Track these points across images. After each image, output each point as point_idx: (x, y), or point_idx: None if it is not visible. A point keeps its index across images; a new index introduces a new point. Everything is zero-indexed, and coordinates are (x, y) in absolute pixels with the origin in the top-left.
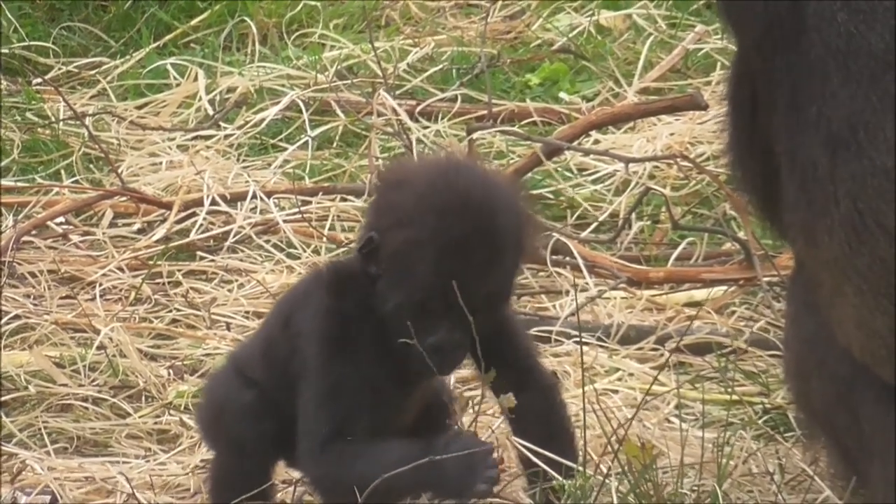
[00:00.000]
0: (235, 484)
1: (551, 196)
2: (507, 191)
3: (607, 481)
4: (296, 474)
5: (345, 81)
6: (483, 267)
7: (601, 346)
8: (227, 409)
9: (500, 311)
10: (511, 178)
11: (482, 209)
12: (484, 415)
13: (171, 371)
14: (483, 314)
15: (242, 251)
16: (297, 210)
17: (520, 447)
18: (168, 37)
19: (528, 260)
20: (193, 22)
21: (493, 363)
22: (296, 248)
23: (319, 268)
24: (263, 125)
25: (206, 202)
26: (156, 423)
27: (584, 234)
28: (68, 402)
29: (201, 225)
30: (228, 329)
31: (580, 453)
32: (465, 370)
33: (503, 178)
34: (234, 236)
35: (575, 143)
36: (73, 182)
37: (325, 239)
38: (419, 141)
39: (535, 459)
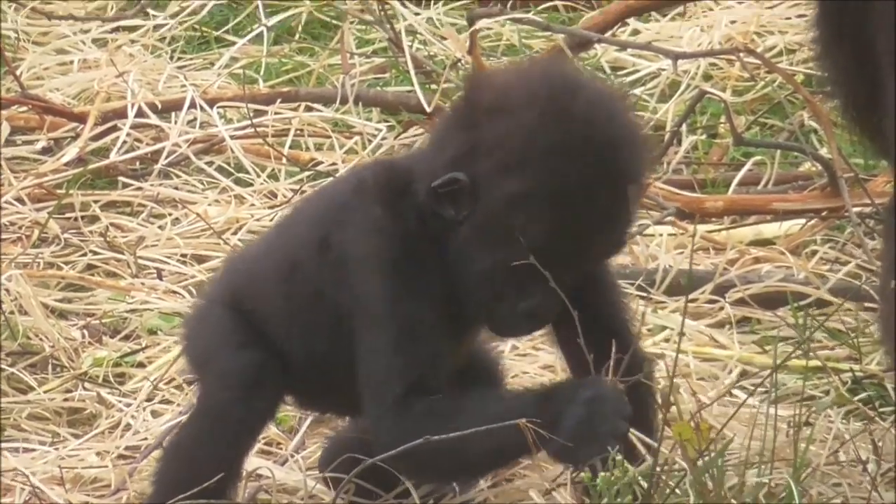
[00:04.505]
0: (212, 440)
1: None
2: (623, 109)
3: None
4: (251, 466)
5: None
6: (609, 215)
7: (643, 297)
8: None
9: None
10: (618, 89)
11: (608, 142)
12: None
13: (85, 332)
14: (589, 269)
15: (178, 176)
16: (248, 123)
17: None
18: None
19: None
20: None
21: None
22: (247, 173)
23: (359, 173)
24: (204, 12)
25: (131, 113)
26: (66, 399)
27: None
28: None
29: (125, 143)
30: (160, 278)
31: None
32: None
33: (613, 92)
34: (168, 157)
35: (608, 35)
36: None
37: (284, 160)
38: (408, 31)
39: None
